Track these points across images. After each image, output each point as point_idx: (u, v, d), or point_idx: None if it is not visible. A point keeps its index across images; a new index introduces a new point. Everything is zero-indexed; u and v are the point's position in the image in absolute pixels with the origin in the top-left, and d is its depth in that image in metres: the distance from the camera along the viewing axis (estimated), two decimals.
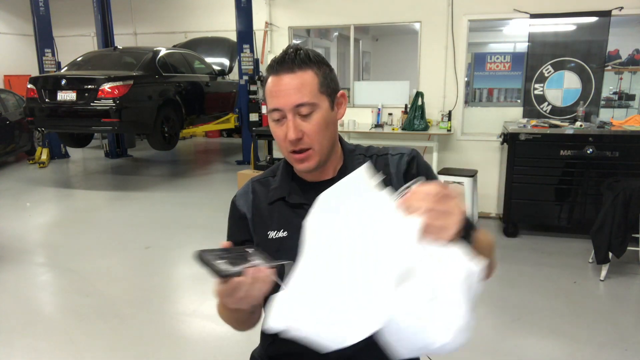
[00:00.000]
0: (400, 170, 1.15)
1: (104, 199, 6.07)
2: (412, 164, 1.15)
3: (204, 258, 0.82)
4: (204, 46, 8.85)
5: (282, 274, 0.89)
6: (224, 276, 0.81)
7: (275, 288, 0.86)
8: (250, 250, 0.93)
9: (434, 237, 0.76)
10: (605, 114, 4.88)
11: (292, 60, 1.02)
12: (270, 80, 1.04)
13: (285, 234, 1.12)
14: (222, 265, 0.82)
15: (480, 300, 0.78)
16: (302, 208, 1.10)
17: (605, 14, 4.62)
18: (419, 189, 0.80)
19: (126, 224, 4.99)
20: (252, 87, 7.10)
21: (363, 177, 0.83)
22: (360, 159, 1.16)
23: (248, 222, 1.16)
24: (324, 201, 0.83)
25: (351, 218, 0.77)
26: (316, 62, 1.04)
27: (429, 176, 1.16)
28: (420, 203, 0.77)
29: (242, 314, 1.05)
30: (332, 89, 1.07)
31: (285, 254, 1.09)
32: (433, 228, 0.76)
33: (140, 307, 3.18)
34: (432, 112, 5.32)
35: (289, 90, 1.01)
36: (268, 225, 1.13)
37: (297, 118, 1.02)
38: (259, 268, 0.84)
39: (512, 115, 5.04)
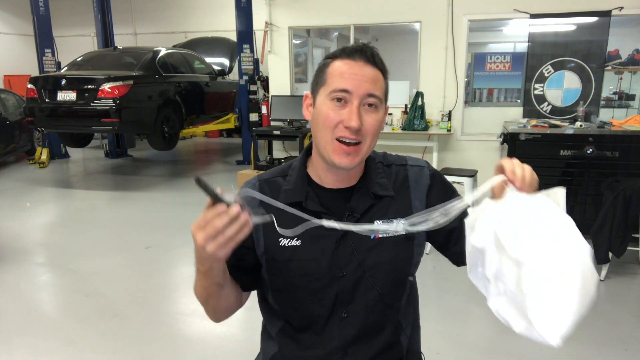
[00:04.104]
0: (423, 183, 1.13)
1: (104, 199, 6.07)
2: (435, 182, 1.13)
3: (202, 182, 0.85)
4: (204, 46, 8.84)
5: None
6: (216, 198, 0.84)
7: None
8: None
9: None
10: (605, 114, 4.89)
11: (371, 55, 1.01)
12: (342, 61, 1.01)
13: (299, 242, 1.06)
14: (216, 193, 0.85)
15: (480, 301, 0.79)
16: (319, 217, 1.03)
17: (605, 14, 4.62)
18: (522, 172, 0.86)
19: (126, 224, 4.99)
20: (252, 87, 7.10)
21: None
22: (379, 167, 1.13)
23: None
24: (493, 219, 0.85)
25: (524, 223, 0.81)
26: (385, 69, 1.04)
27: (452, 191, 1.15)
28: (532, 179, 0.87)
29: (211, 283, 0.99)
30: (386, 100, 1.06)
31: (297, 262, 1.06)
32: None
33: (140, 307, 3.18)
34: (432, 112, 5.33)
35: (365, 76, 0.99)
36: (279, 231, 1.07)
37: (361, 108, 0.99)
38: (244, 212, 0.85)
39: (512, 115, 5.05)
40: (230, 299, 1.10)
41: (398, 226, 1.03)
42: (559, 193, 0.85)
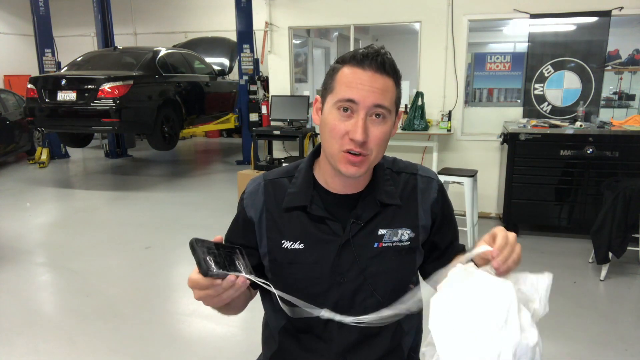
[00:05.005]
0: (429, 196, 1.11)
1: (104, 199, 6.07)
2: (440, 198, 1.13)
3: (197, 249, 0.84)
4: (204, 46, 8.85)
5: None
6: (206, 275, 0.83)
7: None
8: (237, 252, 0.94)
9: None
10: (605, 114, 4.88)
11: (382, 62, 0.96)
12: (350, 69, 0.97)
13: (301, 246, 1.06)
14: (209, 261, 0.84)
15: None
16: (323, 222, 1.05)
17: (605, 14, 4.62)
18: (508, 253, 0.87)
19: (126, 224, 4.99)
20: (252, 87, 7.10)
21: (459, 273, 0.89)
22: (388, 173, 1.11)
23: (254, 226, 1.10)
24: (440, 300, 0.87)
25: (469, 300, 0.84)
26: (398, 75, 1.00)
27: (450, 214, 1.15)
28: (514, 262, 0.87)
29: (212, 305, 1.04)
30: (398, 107, 1.03)
31: (299, 266, 1.06)
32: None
33: (140, 307, 3.18)
34: (432, 112, 5.32)
35: (373, 87, 0.95)
36: (282, 234, 1.07)
37: (367, 119, 0.97)
38: (239, 278, 0.86)
39: (512, 115, 5.04)
40: (239, 304, 1.14)
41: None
42: (541, 281, 0.86)
